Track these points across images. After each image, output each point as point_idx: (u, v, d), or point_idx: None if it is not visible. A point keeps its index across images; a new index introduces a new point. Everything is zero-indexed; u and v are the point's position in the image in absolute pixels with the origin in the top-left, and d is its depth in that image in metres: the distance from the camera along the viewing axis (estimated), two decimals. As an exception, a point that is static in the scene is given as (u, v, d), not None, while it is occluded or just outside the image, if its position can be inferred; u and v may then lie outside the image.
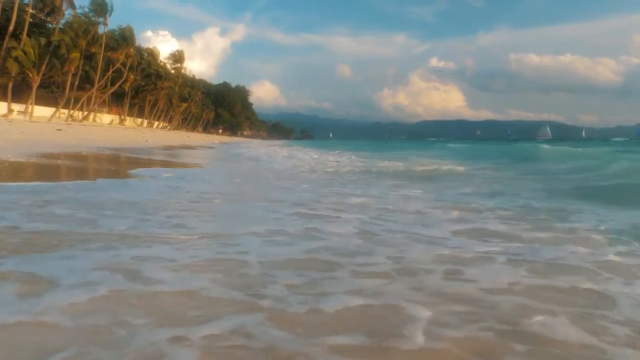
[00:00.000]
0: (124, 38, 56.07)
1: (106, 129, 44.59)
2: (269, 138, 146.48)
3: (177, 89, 77.17)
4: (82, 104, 52.36)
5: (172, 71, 78.04)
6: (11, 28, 39.69)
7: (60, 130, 29.52)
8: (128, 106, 65.16)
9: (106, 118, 60.56)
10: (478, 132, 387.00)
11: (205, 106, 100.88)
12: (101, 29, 52.40)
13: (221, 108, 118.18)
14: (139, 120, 71.06)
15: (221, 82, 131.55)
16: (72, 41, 45.01)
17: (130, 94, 62.69)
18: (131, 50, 56.94)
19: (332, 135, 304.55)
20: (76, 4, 50.31)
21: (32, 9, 44.78)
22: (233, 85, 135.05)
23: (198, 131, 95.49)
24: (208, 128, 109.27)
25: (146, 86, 65.56)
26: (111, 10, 52.86)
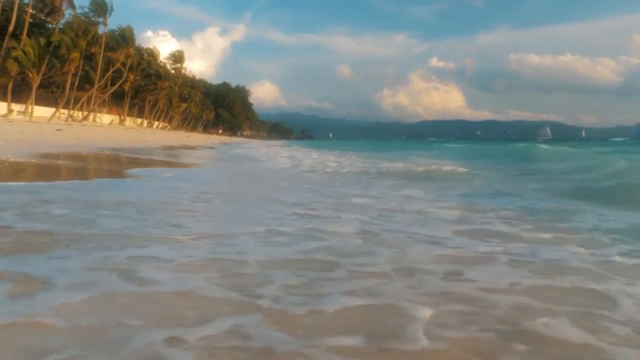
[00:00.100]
0: (124, 38, 56.11)
1: (106, 129, 44.59)
2: (269, 138, 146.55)
3: (177, 89, 77.21)
4: (82, 104, 52.38)
5: (172, 71, 78.10)
6: (11, 28, 39.73)
7: (60, 130, 29.51)
8: (128, 106, 65.20)
9: (106, 118, 60.59)
10: (478, 132, 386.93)
11: (205, 106, 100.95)
12: (101, 29, 52.55)
13: (221, 108, 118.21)
14: (139, 120, 71.10)
15: (221, 82, 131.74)
16: (72, 41, 45.04)
17: (130, 94, 62.73)
18: (131, 50, 56.98)
19: (332, 135, 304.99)
20: (76, 4, 50.46)
21: (32, 9, 44.83)
22: (233, 85, 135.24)
23: (198, 131, 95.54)
24: (208, 128, 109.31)
25: (146, 86, 65.59)
26: (111, 10, 53.02)
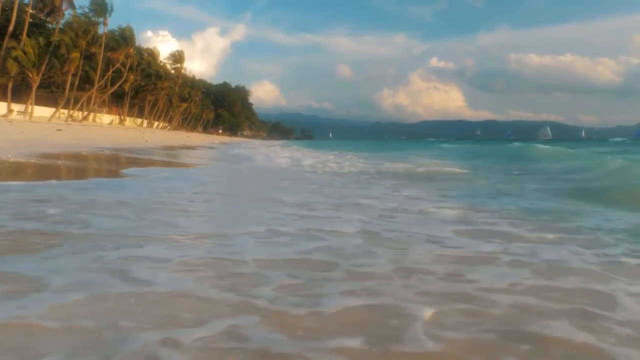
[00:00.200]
0: (124, 38, 56.11)
1: (106, 129, 44.59)
2: (269, 138, 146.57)
3: (177, 89, 77.22)
4: (82, 104, 52.39)
5: (172, 71, 78.11)
6: (11, 28, 39.74)
7: (60, 130, 29.52)
8: (128, 106, 65.20)
9: (106, 118, 60.59)
10: (478, 132, 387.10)
11: (205, 106, 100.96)
12: (101, 29, 52.59)
13: (221, 108, 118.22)
14: (139, 120, 71.11)
15: (221, 82, 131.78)
16: (72, 41, 45.05)
17: (130, 94, 62.73)
18: (131, 50, 56.98)
19: (332, 135, 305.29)
20: (76, 4, 50.47)
21: (32, 9, 44.83)
22: (233, 85, 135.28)
23: (198, 131, 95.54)
24: (208, 128, 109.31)
25: (146, 86, 65.59)
26: (111, 10, 53.06)
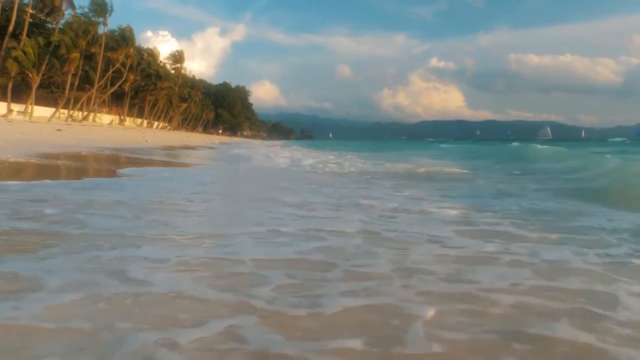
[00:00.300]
0: (124, 38, 56.11)
1: (106, 129, 44.57)
2: (269, 138, 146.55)
3: (177, 89, 77.22)
4: (82, 104, 52.38)
5: (172, 71, 78.11)
6: (11, 28, 39.73)
7: (60, 130, 29.50)
8: (128, 106, 65.19)
9: (106, 118, 60.58)
10: (477, 133, 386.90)
11: (205, 106, 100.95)
12: (101, 29, 52.59)
13: (221, 108, 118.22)
14: (139, 120, 71.11)
15: (221, 82, 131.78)
16: (72, 41, 45.04)
17: (130, 94, 62.72)
18: (131, 50, 56.98)
19: (332, 135, 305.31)
20: (76, 4, 50.46)
21: (32, 9, 44.82)
22: (233, 85, 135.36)
23: (198, 131, 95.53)
24: (208, 128, 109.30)
25: (146, 86, 65.59)
26: (111, 10, 53.08)
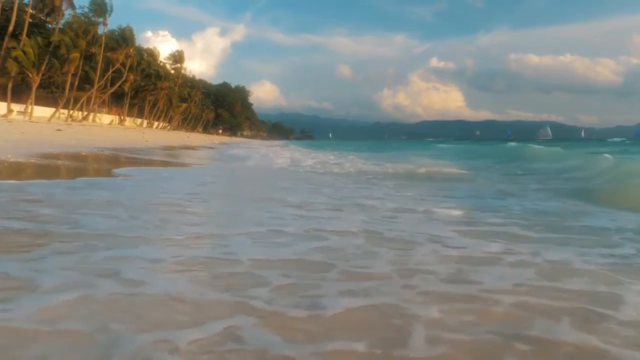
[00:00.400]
0: (124, 38, 56.11)
1: (106, 129, 44.56)
2: (269, 138, 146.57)
3: (177, 89, 77.20)
4: (82, 104, 52.37)
5: (172, 71, 78.09)
6: (11, 28, 39.72)
7: (60, 130, 29.49)
8: (128, 106, 65.16)
9: (106, 118, 60.57)
10: (477, 133, 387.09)
11: (205, 106, 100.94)
12: (101, 29, 52.58)
13: (221, 108, 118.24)
14: (139, 120, 71.09)
15: (221, 82, 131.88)
16: (72, 41, 45.03)
17: (130, 94, 62.70)
18: (131, 50, 56.97)
19: (332, 135, 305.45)
20: (76, 4, 50.43)
21: (32, 9, 44.80)
22: (233, 85, 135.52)
23: (198, 131, 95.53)
24: (208, 128, 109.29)
25: (146, 86, 65.58)
26: (111, 10, 53.08)
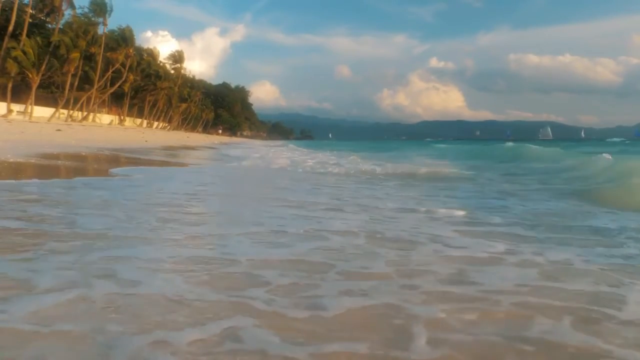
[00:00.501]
0: (124, 38, 56.11)
1: (106, 130, 44.54)
2: (269, 138, 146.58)
3: (177, 90, 77.15)
4: (82, 105, 52.36)
5: (172, 71, 78.05)
6: (11, 28, 39.70)
7: (59, 130, 29.49)
8: (127, 106, 65.14)
9: (106, 118, 60.56)
10: (477, 133, 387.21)
11: (204, 106, 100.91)
12: (101, 29, 52.61)
13: (221, 108, 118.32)
14: (139, 120, 71.08)
15: (221, 83, 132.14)
16: (72, 41, 45.01)
17: (129, 95, 62.67)
18: (131, 50, 56.96)
19: (332, 135, 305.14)
20: (76, 4, 50.40)
21: (32, 9, 44.78)
22: (233, 85, 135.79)
23: (198, 131, 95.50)
24: (208, 128, 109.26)
25: (146, 86, 65.57)
26: (111, 10, 53.09)
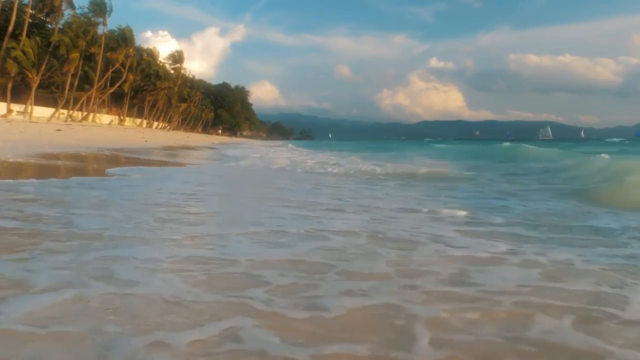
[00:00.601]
0: (124, 38, 56.11)
1: (106, 130, 44.54)
2: (269, 138, 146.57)
3: (177, 90, 77.13)
4: (82, 105, 52.35)
5: (172, 71, 78.01)
6: (10, 28, 39.69)
7: (59, 130, 29.48)
8: (127, 106, 65.13)
9: (105, 118, 60.56)
10: (477, 133, 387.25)
11: (204, 106, 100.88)
12: (100, 30, 52.59)
13: (220, 108, 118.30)
14: (139, 120, 71.06)
15: (221, 83, 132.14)
16: (72, 41, 45.01)
17: (129, 95, 62.67)
18: (130, 50, 56.96)
19: (332, 135, 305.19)
20: (75, 4, 50.38)
21: (32, 10, 44.76)
22: (232, 85, 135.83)
23: (197, 131, 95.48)
24: (207, 128, 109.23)
25: (145, 86, 65.56)
26: (110, 10, 53.08)
